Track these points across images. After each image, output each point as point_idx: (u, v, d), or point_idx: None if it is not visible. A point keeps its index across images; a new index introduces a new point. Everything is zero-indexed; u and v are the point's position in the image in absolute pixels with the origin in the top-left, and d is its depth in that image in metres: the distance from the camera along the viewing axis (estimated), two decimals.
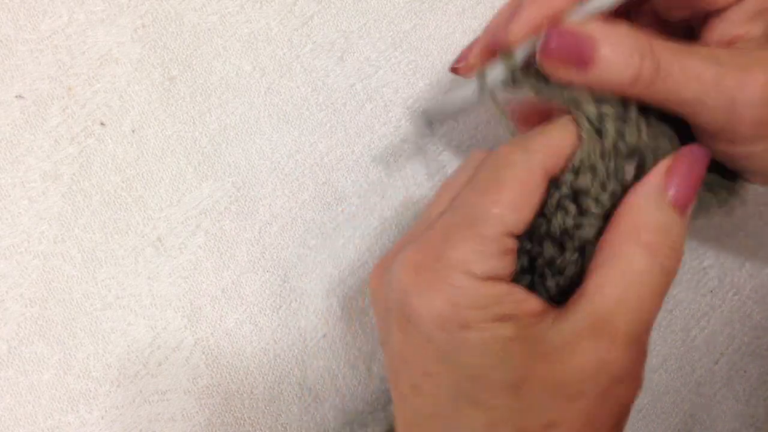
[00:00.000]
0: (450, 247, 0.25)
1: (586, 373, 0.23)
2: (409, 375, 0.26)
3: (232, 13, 0.38)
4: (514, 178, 0.26)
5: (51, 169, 0.36)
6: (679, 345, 0.41)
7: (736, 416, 0.41)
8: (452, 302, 0.24)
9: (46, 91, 0.36)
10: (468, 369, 0.24)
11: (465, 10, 0.40)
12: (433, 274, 0.25)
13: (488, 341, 0.24)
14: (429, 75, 0.39)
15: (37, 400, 0.34)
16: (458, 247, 0.25)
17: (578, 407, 0.23)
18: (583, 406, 0.23)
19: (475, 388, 0.24)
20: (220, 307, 0.36)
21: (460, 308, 0.24)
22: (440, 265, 0.25)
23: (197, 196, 0.37)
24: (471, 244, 0.25)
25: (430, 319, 0.24)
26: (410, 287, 0.25)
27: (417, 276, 0.25)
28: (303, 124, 0.38)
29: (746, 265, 0.42)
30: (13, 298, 0.35)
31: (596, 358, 0.23)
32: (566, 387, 0.23)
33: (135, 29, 0.37)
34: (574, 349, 0.24)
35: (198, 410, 0.36)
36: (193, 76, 0.37)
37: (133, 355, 0.35)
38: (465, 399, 0.24)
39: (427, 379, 0.25)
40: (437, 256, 0.25)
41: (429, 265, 0.25)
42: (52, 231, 0.35)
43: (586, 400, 0.23)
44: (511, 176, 0.26)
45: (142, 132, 0.37)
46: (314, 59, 0.39)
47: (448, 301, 0.24)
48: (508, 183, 0.25)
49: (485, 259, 0.25)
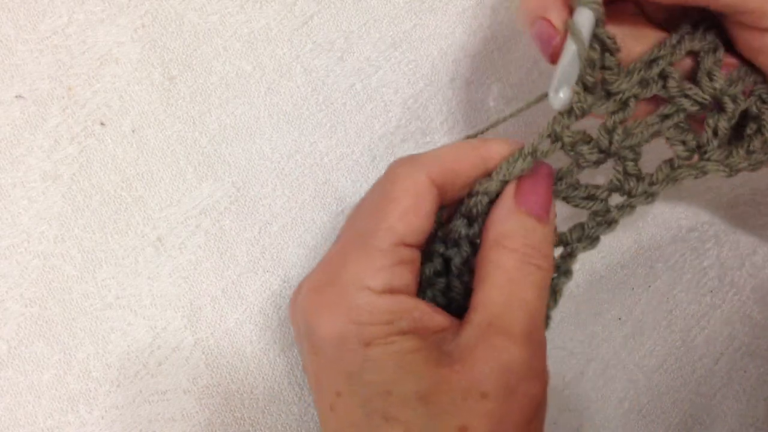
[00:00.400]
0: (345, 264, 0.26)
1: (489, 375, 0.24)
2: (325, 395, 0.26)
3: (232, 13, 0.38)
4: (400, 189, 0.27)
5: (51, 169, 0.36)
6: (679, 345, 0.41)
7: (736, 416, 0.41)
8: (353, 320, 0.25)
9: (46, 91, 0.36)
10: (376, 386, 0.25)
11: (465, 10, 0.40)
12: (331, 294, 0.25)
13: (393, 356, 0.25)
14: (429, 75, 0.39)
15: (37, 400, 0.34)
16: (352, 263, 0.25)
17: (486, 408, 0.24)
18: (491, 407, 0.24)
19: (386, 404, 0.24)
20: (220, 307, 0.36)
21: (361, 326, 0.25)
22: (337, 284, 0.25)
23: (197, 196, 0.37)
24: (364, 259, 0.25)
25: (332, 340, 0.25)
26: (311, 309, 0.26)
27: (317, 297, 0.26)
28: (303, 124, 0.38)
29: (746, 265, 0.42)
30: (13, 298, 0.35)
31: (496, 359, 0.24)
32: (472, 391, 0.24)
33: (135, 29, 0.37)
34: (475, 354, 0.25)
35: (198, 410, 0.36)
36: (193, 76, 0.37)
37: (133, 355, 0.35)
38: (378, 415, 0.25)
39: (340, 399, 0.26)
40: (334, 276, 0.26)
41: (327, 286, 0.26)
42: (52, 231, 0.35)
43: (493, 400, 0.24)
44: (398, 188, 0.27)
45: (142, 132, 0.37)
46: (314, 59, 0.39)
47: (348, 320, 0.25)
48: (394, 194, 0.26)
49: (379, 272, 0.25)
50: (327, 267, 0.27)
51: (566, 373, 0.40)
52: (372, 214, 0.27)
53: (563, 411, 0.40)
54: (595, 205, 0.30)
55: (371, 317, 0.25)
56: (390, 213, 0.26)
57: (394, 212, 0.26)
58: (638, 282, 0.41)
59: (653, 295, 0.41)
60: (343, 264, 0.26)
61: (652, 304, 0.41)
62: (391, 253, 0.26)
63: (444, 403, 0.24)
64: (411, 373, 0.24)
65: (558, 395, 0.39)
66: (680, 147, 0.29)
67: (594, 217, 0.30)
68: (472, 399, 0.24)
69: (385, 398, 0.24)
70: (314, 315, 0.26)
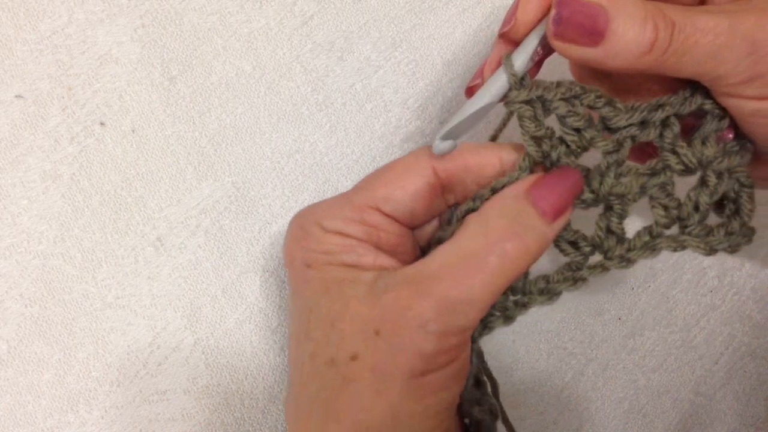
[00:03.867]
0: (321, 206, 0.30)
1: (384, 317, 0.26)
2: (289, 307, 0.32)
3: (232, 13, 0.38)
4: (399, 164, 0.30)
5: (51, 168, 0.36)
6: (679, 345, 0.41)
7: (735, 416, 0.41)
8: (302, 245, 0.29)
9: (46, 91, 0.36)
10: (305, 302, 0.29)
11: (465, 10, 0.40)
12: (300, 224, 0.30)
13: (321, 280, 0.28)
14: (429, 75, 0.39)
15: (37, 400, 0.34)
16: (326, 208, 0.30)
17: (376, 345, 0.26)
18: (381, 344, 0.26)
19: (309, 320, 0.28)
20: (220, 307, 0.36)
21: (306, 251, 0.29)
22: (308, 217, 0.30)
23: (197, 196, 0.37)
24: (334, 206, 0.29)
25: (288, 258, 0.30)
26: (287, 234, 0.31)
27: (292, 226, 0.30)
28: (303, 124, 0.38)
29: (746, 265, 0.42)
30: (12, 297, 0.35)
31: (397, 304, 0.26)
32: (368, 324, 0.27)
33: (135, 29, 0.37)
34: (385, 295, 0.27)
35: (198, 410, 0.36)
36: (193, 76, 0.37)
37: (133, 355, 0.35)
38: (303, 329, 0.29)
39: (291, 310, 0.31)
40: (310, 212, 0.30)
41: (303, 216, 0.30)
42: (52, 231, 0.35)
43: (384, 339, 0.26)
44: (398, 162, 0.30)
45: (142, 132, 0.37)
46: (314, 59, 0.39)
47: (300, 245, 0.29)
48: (392, 166, 0.30)
49: (341, 220, 0.29)
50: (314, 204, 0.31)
51: (566, 373, 0.40)
52: (368, 177, 0.30)
53: (563, 411, 0.40)
54: (575, 255, 0.29)
55: (315, 246, 0.29)
56: (377, 178, 0.29)
57: (381, 178, 0.29)
58: (638, 282, 0.41)
59: (653, 295, 0.41)
60: (321, 205, 0.30)
61: (651, 304, 0.41)
62: (359, 211, 0.29)
63: (344, 331, 0.27)
64: (329, 299, 0.28)
65: (558, 395, 0.39)
66: (661, 211, 0.29)
67: (565, 270, 0.29)
68: (366, 333, 0.27)
69: (308, 315, 0.28)
70: (286, 234, 0.30)
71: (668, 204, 0.29)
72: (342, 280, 0.28)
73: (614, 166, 0.29)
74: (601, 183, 0.29)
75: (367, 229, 0.29)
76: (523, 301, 0.29)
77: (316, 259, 0.29)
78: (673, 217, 0.29)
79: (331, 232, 0.29)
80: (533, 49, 0.28)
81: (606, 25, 0.26)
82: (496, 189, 0.29)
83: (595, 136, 0.29)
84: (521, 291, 0.29)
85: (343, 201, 0.30)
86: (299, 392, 0.29)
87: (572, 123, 0.28)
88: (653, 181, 0.29)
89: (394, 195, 0.29)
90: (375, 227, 0.29)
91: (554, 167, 0.29)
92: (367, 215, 0.29)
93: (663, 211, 0.29)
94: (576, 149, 0.29)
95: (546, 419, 0.39)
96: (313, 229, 0.29)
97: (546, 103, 0.29)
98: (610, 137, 0.29)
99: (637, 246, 0.29)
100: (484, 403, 0.31)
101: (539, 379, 0.40)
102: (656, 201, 0.29)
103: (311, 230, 0.29)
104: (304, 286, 0.29)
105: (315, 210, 0.30)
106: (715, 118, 0.29)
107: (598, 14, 0.26)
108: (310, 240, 0.29)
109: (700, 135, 0.29)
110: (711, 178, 0.29)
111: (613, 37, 0.26)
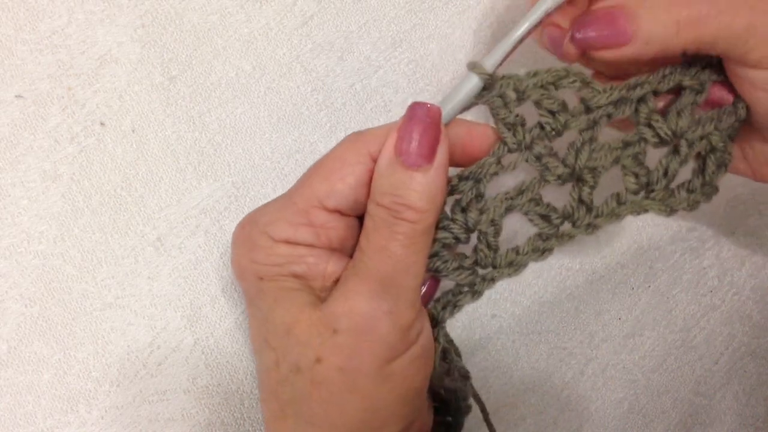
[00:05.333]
0: (265, 211, 0.30)
1: (341, 314, 0.27)
2: None
3: (232, 13, 0.38)
4: (333, 155, 0.29)
5: (51, 168, 0.36)
6: (679, 345, 0.41)
7: (735, 416, 0.41)
8: (251, 258, 0.29)
9: (46, 91, 0.36)
10: (262, 313, 0.29)
11: (465, 10, 0.40)
12: (246, 232, 0.30)
13: (274, 291, 0.28)
14: (429, 75, 0.39)
15: (37, 400, 0.34)
16: (270, 212, 0.29)
17: (337, 343, 0.27)
18: (341, 342, 0.27)
19: (267, 330, 0.29)
20: (220, 307, 0.36)
21: (255, 263, 0.29)
22: (253, 225, 0.29)
23: (197, 196, 0.37)
24: (280, 213, 0.29)
25: (238, 271, 0.30)
26: (234, 240, 0.30)
27: (238, 231, 0.30)
28: (303, 124, 0.38)
29: (746, 265, 0.42)
30: (12, 297, 0.35)
31: (348, 299, 0.27)
32: (326, 327, 0.27)
33: (135, 29, 0.37)
34: (333, 295, 0.28)
35: (198, 410, 0.36)
36: (193, 76, 0.37)
37: (133, 355, 0.35)
38: (263, 339, 0.29)
39: (250, 319, 0.31)
40: (255, 218, 0.30)
41: (247, 225, 0.30)
42: (52, 231, 0.35)
43: (343, 337, 0.27)
44: (332, 155, 0.29)
45: (142, 132, 0.37)
46: (314, 59, 0.39)
47: (248, 257, 0.29)
48: (325, 161, 0.29)
49: (289, 226, 0.28)
50: (253, 215, 0.30)
51: (566, 373, 0.40)
52: (304, 176, 0.30)
53: (563, 411, 0.40)
54: (548, 228, 0.30)
55: (265, 258, 0.29)
56: (315, 175, 0.29)
57: (318, 175, 0.29)
58: (638, 282, 0.41)
59: (653, 294, 0.41)
60: (264, 211, 0.30)
61: (651, 303, 0.41)
62: (304, 213, 0.28)
63: (302, 335, 0.27)
64: (283, 308, 0.28)
65: (558, 395, 0.40)
66: (632, 179, 0.30)
67: (535, 241, 0.30)
68: (326, 334, 0.27)
69: (265, 325, 0.29)
70: (233, 252, 0.30)
71: (639, 172, 0.30)
72: (293, 289, 0.28)
73: (588, 143, 0.30)
74: (576, 158, 0.29)
75: (314, 231, 0.29)
76: (491, 276, 0.30)
77: (267, 272, 0.29)
78: (642, 184, 0.30)
79: (279, 241, 0.29)
80: (505, 51, 0.30)
81: (630, 30, 0.28)
82: (469, 176, 0.29)
83: (570, 119, 0.30)
84: (491, 264, 0.30)
85: (286, 203, 0.29)
86: (270, 398, 0.29)
87: (547, 106, 0.29)
88: (627, 152, 0.30)
89: (336, 189, 0.28)
90: (322, 226, 0.29)
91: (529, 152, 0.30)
92: (312, 216, 0.29)
93: (634, 179, 0.30)
94: (551, 131, 0.30)
95: (546, 419, 0.39)
96: (261, 240, 0.29)
97: (519, 93, 0.29)
98: (585, 117, 0.30)
99: (605, 212, 0.30)
100: (452, 372, 0.32)
101: (539, 379, 0.40)
102: (628, 170, 0.30)
103: (259, 241, 0.29)
104: (258, 296, 0.29)
105: (260, 217, 0.29)
106: (692, 92, 0.30)
107: (621, 23, 0.28)
108: (258, 252, 0.29)
109: (676, 108, 0.30)
110: (683, 147, 0.30)
111: (638, 38, 0.28)
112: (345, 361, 0.27)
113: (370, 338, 0.27)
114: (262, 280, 0.29)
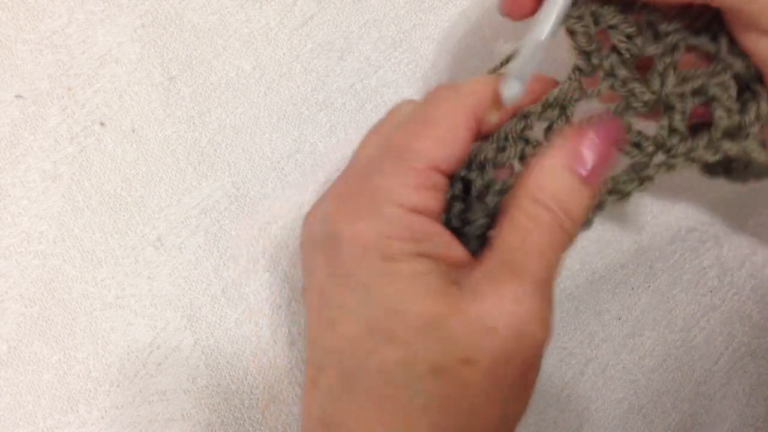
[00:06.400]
0: (379, 177, 0.25)
1: (500, 312, 0.24)
2: (326, 311, 0.25)
3: (232, 13, 0.38)
4: (442, 115, 0.26)
5: (51, 168, 0.36)
6: (679, 345, 0.41)
7: (736, 416, 0.41)
8: (379, 231, 0.24)
9: (46, 91, 0.36)
10: (385, 302, 0.24)
11: (465, 10, 0.40)
12: (362, 202, 0.25)
13: (408, 275, 0.24)
14: (429, 75, 0.39)
15: (37, 400, 0.34)
16: (387, 176, 0.25)
17: (493, 344, 0.23)
18: (498, 343, 0.23)
19: (392, 322, 0.24)
20: (220, 307, 0.36)
21: (385, 238, 0.24)
22: (368, 193, 0.25)
23: (197, 196, 0.37)
24: (400, 175, 0.25)
25: (355, 247, 0.24)
26: (338, 215, 0.25)
27: (346, 204, 0.25)
28: (303, 124, 0.38)
29: (746, 265, 0.42)
30: (12, 297, 0.35)
31: (507, 297, 0.24)
32: (481, 324, 0.23)
33: (135, 29, 0.37)
34: (488, 290, 0.24)
35: (197, 410, 0.36)
36: (193, 76, 0.37)
37: (133, 355, 0.35)
38: (382, 333, 0.24)
39: (344, 312, 0.25)
40: (365, 186, 0.25)
41: (357, 194, 0.25)
42: (52, 231, 0.35)
43: (500, 337, 0.23)
44: (440, 113, 0.26)
45: (142, 132, 0.37)
46: (314, 59, 0.39)
47: (375, 230, 0.24)
48: (436, 119, 0.26)
49: (414, 191, 0.24)
50: (357, 176, 0.26)
51: (566, 373, 0.40)
52: (409, 133, 0.26)
53: (563, 411, 0.40)
54: (640, 156, 0.28)
55: (398, 232, 0.24)
56: (428, 135, 0.25)
57: (432, 136, 0.25)
58: (638, 282, 0.41)
59: (653, 295, 0.41)
60: (378, 176, 0.25)
61: (651, 304, 0.41)
62: (425, 175, 0.25)
63: (451, 332, 0.23)
64: (422, 296, 0.24)
65: (558, 395, 0.39)
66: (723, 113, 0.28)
67: (630, 172, 0.28)
68: (480, 332, 0.23)
69: (392, 316, 0.24)
70: (340, 221, 0.25)
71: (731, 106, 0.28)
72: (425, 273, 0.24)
73: (671, 67, 0.28)
74: (662, 84, 0.28)
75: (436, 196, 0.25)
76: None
77: (398, 250, 0.24)
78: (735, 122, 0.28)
79: (410, 210, 0.24)
80: None
81: None
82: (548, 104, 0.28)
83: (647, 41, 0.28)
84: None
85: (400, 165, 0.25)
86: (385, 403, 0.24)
87: (625, 30, 0.28)
88: (714, 80, 0.28)
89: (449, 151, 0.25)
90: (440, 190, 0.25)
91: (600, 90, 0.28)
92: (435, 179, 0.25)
93: (726, 113, 0.28)
94: (629, 57, 0.28)
95: (546, 419, 0.39)
96: (391, 209, 0.24)
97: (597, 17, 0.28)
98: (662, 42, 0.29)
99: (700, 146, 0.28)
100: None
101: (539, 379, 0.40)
102: (717, 103, 0.28)
103: (388, 210, 0.24)
104: (379, 281, 0.24)
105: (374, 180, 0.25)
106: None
107: None
108: (389, 224, 0.24)
109: None
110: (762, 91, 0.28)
111: None
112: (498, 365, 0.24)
113: (526, 343, 0.24)
114: (388, 261, 0.24)
